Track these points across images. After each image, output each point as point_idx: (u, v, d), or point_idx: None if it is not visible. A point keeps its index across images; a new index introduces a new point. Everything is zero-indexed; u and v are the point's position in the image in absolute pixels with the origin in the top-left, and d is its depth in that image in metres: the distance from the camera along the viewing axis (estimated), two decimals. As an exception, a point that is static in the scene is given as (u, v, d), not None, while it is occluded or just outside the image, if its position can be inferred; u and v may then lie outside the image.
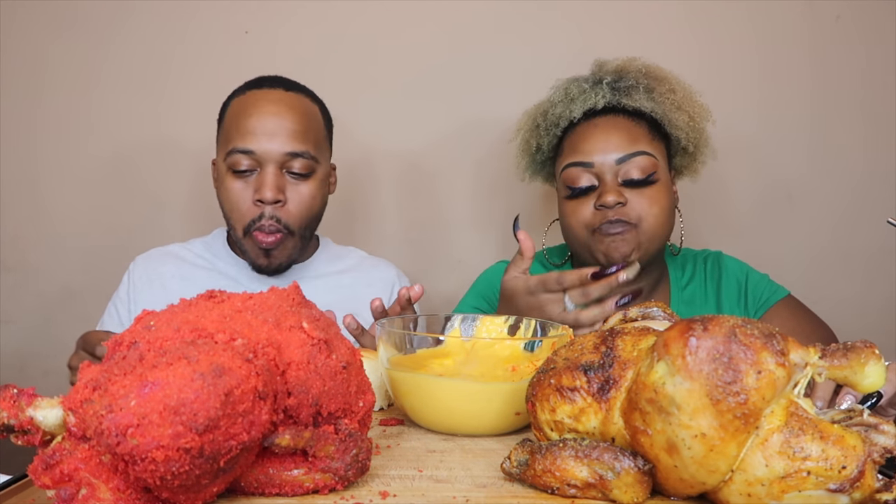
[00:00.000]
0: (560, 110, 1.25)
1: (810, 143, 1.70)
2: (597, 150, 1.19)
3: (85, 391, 0.48)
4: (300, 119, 1.23)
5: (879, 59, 1.68)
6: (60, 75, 1.67)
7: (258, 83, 1.27)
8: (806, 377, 0.53)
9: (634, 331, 0.61)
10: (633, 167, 1.17)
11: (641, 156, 1.18)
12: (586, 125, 1.23)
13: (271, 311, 0.58)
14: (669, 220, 1.21)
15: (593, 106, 1.22)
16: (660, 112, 1.22)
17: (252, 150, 1.19)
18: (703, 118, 1.25)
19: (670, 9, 1.68)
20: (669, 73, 1.26)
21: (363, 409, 0.60)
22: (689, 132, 1.24)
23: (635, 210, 1.17)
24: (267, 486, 0.55)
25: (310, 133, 1.24)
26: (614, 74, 1.24)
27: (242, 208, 1.22)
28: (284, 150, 1.20)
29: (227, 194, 1.23)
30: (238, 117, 1.22)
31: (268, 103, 1.22)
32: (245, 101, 1.23)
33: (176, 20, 1.67)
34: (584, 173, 1.19)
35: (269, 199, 1.19)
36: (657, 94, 1.22)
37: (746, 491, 0.52)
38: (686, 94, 1.24)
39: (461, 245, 1.74)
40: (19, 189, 1.68)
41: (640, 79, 1.23)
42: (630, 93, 1.22)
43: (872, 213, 1.67)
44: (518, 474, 0.59)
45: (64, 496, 0.48)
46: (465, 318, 0.88)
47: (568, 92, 1.25)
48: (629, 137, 1.19)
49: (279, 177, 1.21)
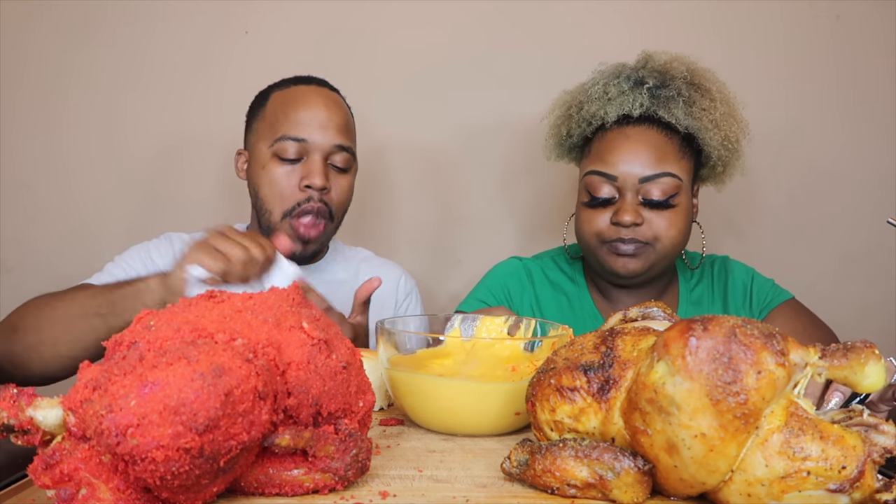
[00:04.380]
0: (595, 109, 1.21)
1: (810, 142, 1.70)
2: (622, 164, 1.16)
3: (85, 391, 0.48)
4: (344, 116, 1.29)
5: (879, 59, 1.68)
6: (58, 76, 1.67)
7: (304, 80, 1.31)
8: (806, 377, 0.53)
9: (634, 331, 0.61)
10: (655, 188, 1.15)
11: (666, 177, 1.15)
12: (617, 132, 1.20)
13: (271, 311, 0.58)
14: (684, 239, 1.21)
15: (629, 112, 1.18)
16: (694, 128, 1.18)
17: (304, 138, 1.24)
18: (739, 136, 1.22)
19: (667, 8, 1.68)
20: (715, 81, 1.22)
21: (363, 409, 0.60)
22: (722, 151, 1.21)
23: (651, 230, 1.16)
24: (267, 486, 0.55)
25: (350, 131, 1.31)
26: (657, 77, 1.20)
27: (287, 192, 1.25)
28: (334, 141, 1.25)
29: (270, 179, 1.26)
30: (286, 108, 1.26)
31: (318, 97, 1.27)
32: (293, 94, 1.28)
33: (176, 20, 1.67)
34: (606, 184, 1.17)
35: (317, 185, 1.23)
36: (696, 109, 1.18)
37: (746, 491, 0.52)
38: (727, 110, 1.20)
39: (468, 243, 1.74)
40: (19, 189, 1.68)
41: (683, 89, 1.19)
42: (668, 104, 1.18)
43: (872, 213, 1.67)
44: (518, 474, 0.59)
45: (64, 496, 0.48)
46: (465, 318, 0.88)
47: (607, 90, 1.21)
48: (657, 155, 1.16)
49: (325, 166, 1.26)
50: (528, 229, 1.74)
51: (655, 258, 1.17)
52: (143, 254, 1.31)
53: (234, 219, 1.44)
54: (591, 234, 1.19)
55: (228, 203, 1.66)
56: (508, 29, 1.69)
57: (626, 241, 1.16)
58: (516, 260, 1.36)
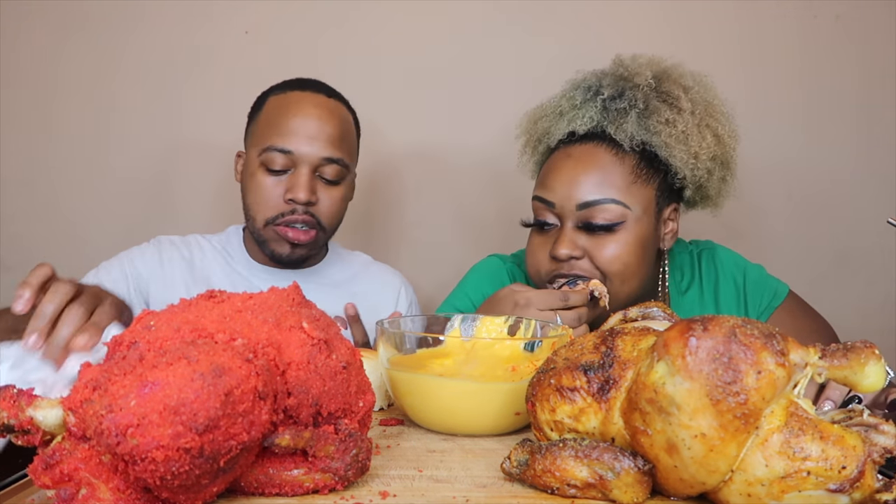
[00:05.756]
0: (546, 125, 1.13)
1: (810, 142, 1.70)
2: (561, 188, 1.05)
3: (85, 391, 0.48)
4: (339, 126, 1.24)
5: (879, 59, 1.68)
6: (58, 76, 1.67)
7: (300, 84, 1.27)
8: (806, 377, 0.53)
9: (634, 331, 0.61)
10: (596, 214, 1.03)
11: (610, 204, 1.03)
12: (561, 153, 1.09)
13: (271, 311, 0.58)
14: (638, 275, 1.07)
15: (574, 130, 1.08)
16: (653, 144, 1.06)
17: (290, 149, 1.20)
18: (719, 153, 1.08)
19: (669, 8, 1.68)
20: (692, 88, 1.09)
21: (363, 409, 0.60)
22: (692, 170, 1.07)
23: (596, 261, 1.04)
24: (267, 486, 0.55)
25: (345, 141, 1.25)
26: (616, 86, 1.09)
27: (270, 203, 1.22)
28: (322, 154, 1.21)
29: (256, 188, 1.23)
30: (277, 115, 1.23)
31: (310, 106, 1.23)
32: (286, 101, 1.24)
33: (175, 20, 1.67)
34: (547, 212, 1.08)
35: (301, 200, 1.20)
36: (654, 122, 1.05)
37: (746, 491, 0.52)
38: (702, 122, 1.07)
39: (468, 243, 1.73)
40: (19, 189, 1.68)
41: (640, 99, 1.06)
42: (618, 118, 1.06)
43: (872, 213, 1.67)
44: (518, 474, 0.59)
45: (64, 496, 0.48)
46: (465, 318, 0.87)
47: (560, 104, 1.12)
48: (601, 178, 1.04)
49: (312, 179, 1.22)
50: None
51: (616, 305, 1.03)
52: (126, 262, 1.30)
53: (232, 221, 1.44)
54: (534, 270, 1.10)
55: (226, 204, 1.66)
56: (513, 29, 1.69)
57: (567, 276, 1.04)
58: (497, 259, 1.28)
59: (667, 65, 1.12)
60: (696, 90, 1.09)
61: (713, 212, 1.19)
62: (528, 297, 0.98)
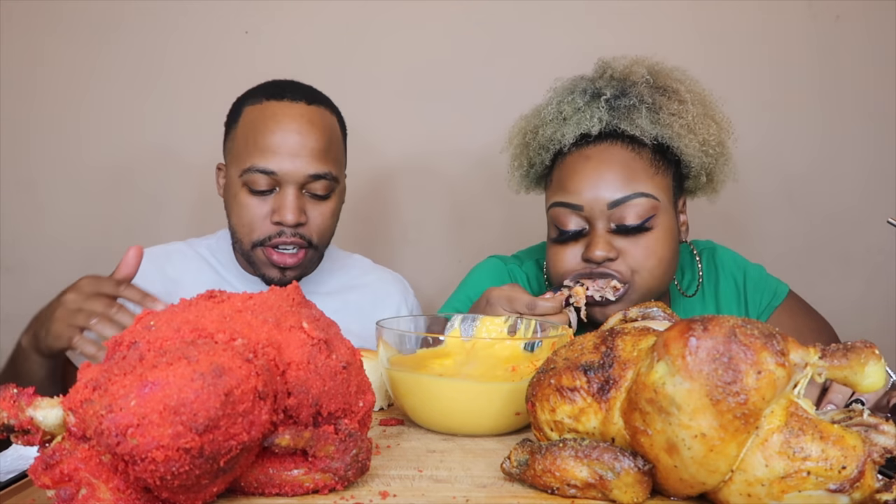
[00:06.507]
0: (550, 132, 1.10)
1: (810, 142, 1.70)
2: (587, 190, 1.03)
3: (85, 391, 0.48)
4: (323, 137, 1.15)
5: (879, 59, 1.68)
6: (59, 76, 1.67)
7: (278, 93, 1.17)
8: (806, 377, 0.53)
9: (634, 331, 0.61)
10: (628, 211, 1.02)
11: (639, 198, 1.02)
12: (577, 155, 1.07)
13: (271, 311, 0.58)
14: (669, 269, 1.07)
15: (587, 131, 1.06)
16: (666, 137, 1.06)
17: (273, 170, 1.12)
18: (721, 137, 1.09)
19: (671, 8, 1.68)
20: (684, 80, 1.10)
21: (363, 409, 0.60)
22: (703, 157, 1.08)
23: (628, 263, 1.03)
24: (267, 486, 0.55)
25: (331, 151, 1.17)
26: (616, 86, 1.09)
27: (256, 225, 1.15)
28: (308, 171, 1.13)
29: (240, 210, 1.16)
30: (256, 131, 1.14)
31: (290, 119, 1.13)
32: (264, 114, 1.15)
33: (175, 20, 1.67)
34: (573, 216, 1.05)
35: (290, 223, 1.13)
36: (664, 115, 1.06)
37: (746, 491, 0.52)
38: (702, 110, 1.08)
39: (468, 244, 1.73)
40: (19, 190, 1.68)
41: (646, 94, 1.07)
42: (630, 114, 1.06)
43: (872, 213, 1.67)
44: (518, 474, 0.59)
45: (64, 496, 0.48)
46: (465, 318, 0.87)
47: (561, 109, 1.10)
48: (626, 174, 1.03)
49: (300, 198, 1.14)
50: (527, 231, 1.74)
51: (637, 297, 1.03)
52: None
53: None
54: (562, 275, 1.06)
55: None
56: (511, 34, 1.69)
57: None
58: (497, 260, 1.26)
59: (651, 62, 1.12)
60: (687, 82, 1.10)
61: (711, 198, 1.18)
62: (497, 295, 0.97)
